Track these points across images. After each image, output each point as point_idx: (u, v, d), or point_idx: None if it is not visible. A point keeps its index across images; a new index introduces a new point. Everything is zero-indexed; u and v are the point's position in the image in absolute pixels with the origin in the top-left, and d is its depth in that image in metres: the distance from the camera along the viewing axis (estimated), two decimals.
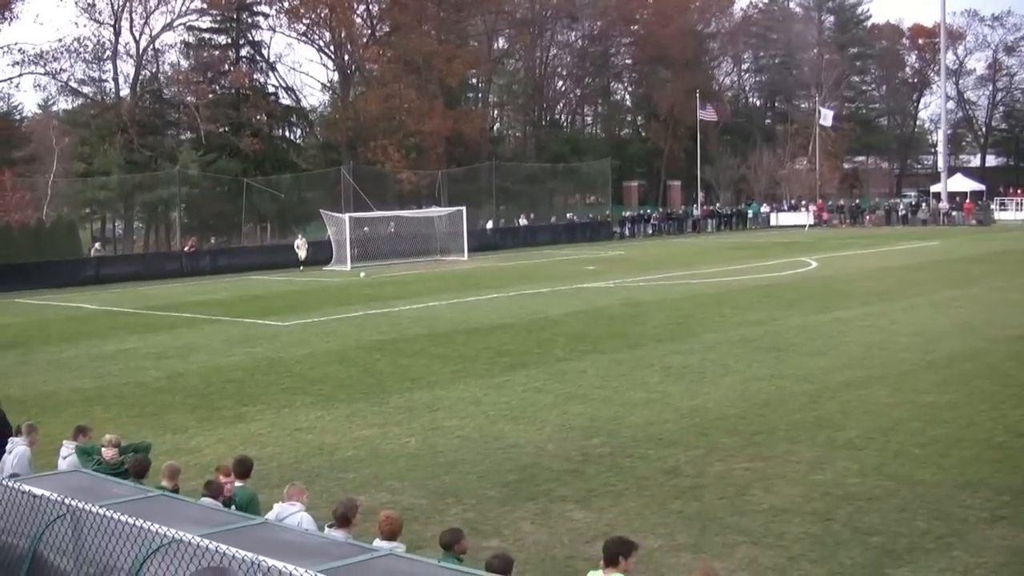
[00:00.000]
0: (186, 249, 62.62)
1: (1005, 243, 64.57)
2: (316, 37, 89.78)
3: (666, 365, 24.97)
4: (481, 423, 19.74)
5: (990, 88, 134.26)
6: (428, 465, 17.09)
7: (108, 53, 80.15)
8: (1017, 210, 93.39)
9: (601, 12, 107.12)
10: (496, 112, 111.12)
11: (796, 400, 20.77)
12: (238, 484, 12.10)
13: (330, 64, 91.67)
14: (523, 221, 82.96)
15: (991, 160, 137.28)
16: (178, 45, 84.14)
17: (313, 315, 36.77)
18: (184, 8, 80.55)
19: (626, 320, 33.02)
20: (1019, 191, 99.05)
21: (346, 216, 62.01)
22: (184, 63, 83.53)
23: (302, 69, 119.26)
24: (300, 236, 59.57)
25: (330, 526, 10.20)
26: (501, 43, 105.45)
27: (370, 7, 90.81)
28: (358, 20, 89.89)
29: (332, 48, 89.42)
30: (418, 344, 29.49)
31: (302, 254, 58.54)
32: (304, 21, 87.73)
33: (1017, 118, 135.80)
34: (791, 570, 12.37)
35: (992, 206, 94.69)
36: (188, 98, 77.65)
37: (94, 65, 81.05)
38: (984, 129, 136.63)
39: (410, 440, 18.71)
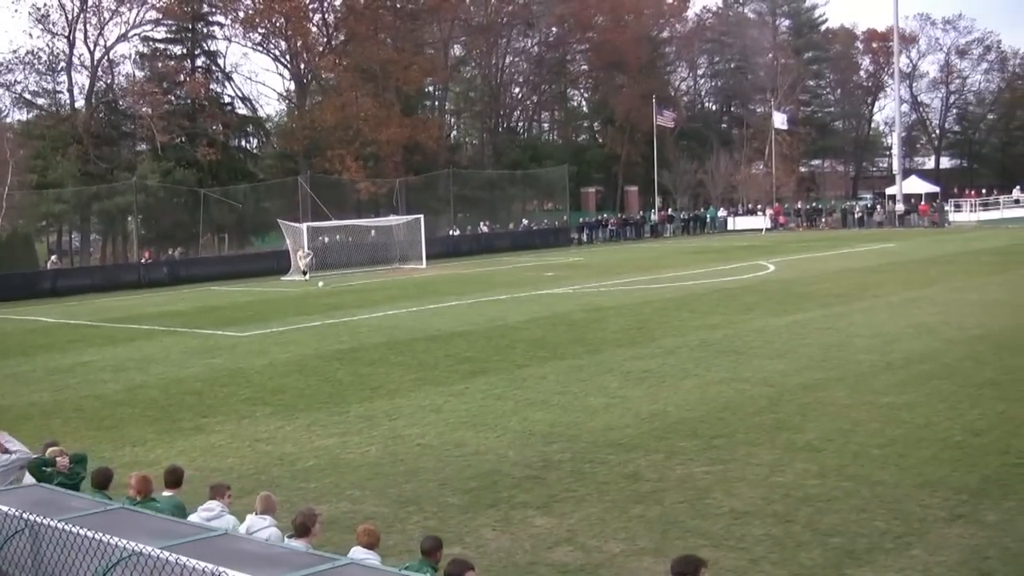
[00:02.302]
0: (143, 260, 62.40)
1: (960, 244, 65.06)
2: (272, 47, 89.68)
3: (626, 370, 25.02)
4: (441, 431, 19.73)
5: (943, 91, 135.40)
6: (389, 474, 17.06)
7: (62, 64, 79.94)
8: (971, 211, 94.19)
9: (557, 18, 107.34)
10: (453, 120, 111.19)
11: (755, 403, 20.84)
12: (167, 493, 12.01)
13: (286, 73, 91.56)
14: (482, 228, 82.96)
15: (945, 162, 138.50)
16: (133, 56, 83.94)
17: (272, 325, 36.67)
18: (139, 19, 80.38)
19: (585, 326, 33.07)
20: (973, 192, 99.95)
21: (303, 225, 61.89)
22: (139, 74, 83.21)
23: (258, 79, 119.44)
24: (302, 248, 58.73)
25: (290, 536, 10.18)
26: (457, 51, 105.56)
27: (326, 16, 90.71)
28: (314, 29, 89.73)
29: (288, 57, 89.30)
30: (378, 353, 29.45)
31: (303, 264, 57.30)
32: (260, 31, 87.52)
33: (970, 120, 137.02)
34: (752, 572, 12.42)
35: (947, 208, 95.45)
36: (144, 109, 77.20)
37: (48, 76, 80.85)
38: (938, 131, 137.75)
39: (371, 449, 18.68)
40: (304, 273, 55.22)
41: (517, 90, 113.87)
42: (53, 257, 65.38)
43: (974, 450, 16.98)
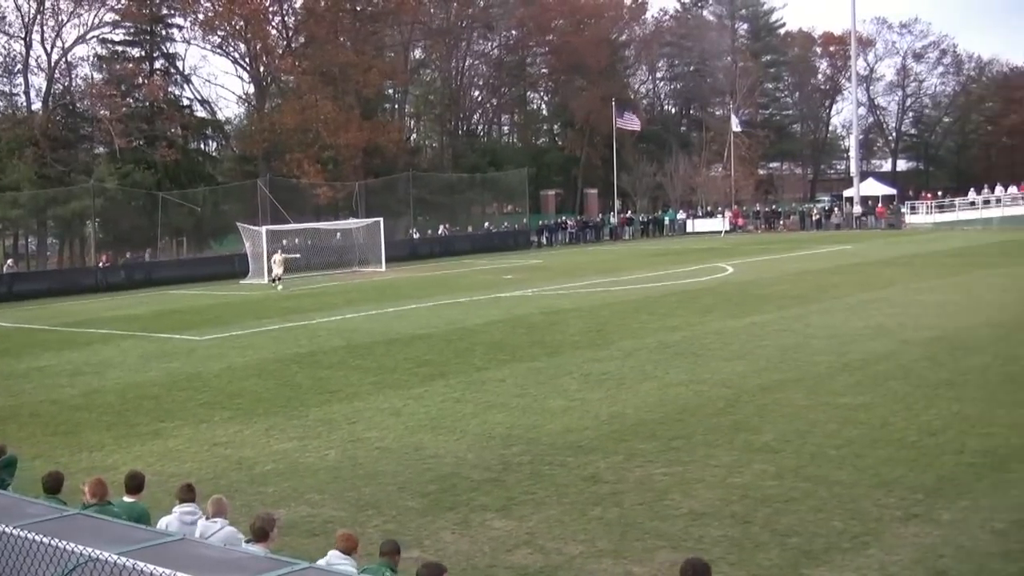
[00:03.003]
0: (101, 264, 61.99)
1: (917, 246, 65.50)
2: (231, 49, 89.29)
3: (585, 372, 25.08)
4: (400, 434, 19.72)
5: (900, 94, 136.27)
6: (348, 477, 17.04)
7: (19, 67, 79.20)
8: (927, 213, 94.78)
9: (517, 22, 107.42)
10: (413, 123, 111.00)
11: (714, 404, 20.95)
12: (128, 499, 11.93)
13: (245, 76, 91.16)
14: (442, 231, 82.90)
15: (902, 164, 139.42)
16: (91, 58, 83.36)
17: (231, 329, 36.54)
18: (97, 21, 79.82)
19: (545, 328, 33.12)
20: (929, 195, 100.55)
21: (263, 229, 61.66)
22: (97, 76, 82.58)
23: (217, 81, 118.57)
24: (279, 251, 58.00)
25: (248, 541, 10.16)
26: (417, 54, 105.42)
27: (285, 19, 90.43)
28: (273, 32, 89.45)
29: (247, 60, 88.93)
30: (336, 356, 29.40)
31: (278, 270, 55.48)
32: (219, 33, 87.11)
33: (926, 123, 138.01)
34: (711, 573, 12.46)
35: (903, 210, 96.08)
36: (102, 111, 76.69)
37: (4, 79, 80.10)
38: (895, 134, 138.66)
39: (329, 452, 18.65)
40: (275, 280, 54.33)
41: (477, 93, 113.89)
42: (9, 261, 64.96)
43: (929, 450, 17.12)
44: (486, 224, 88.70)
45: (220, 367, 28.54)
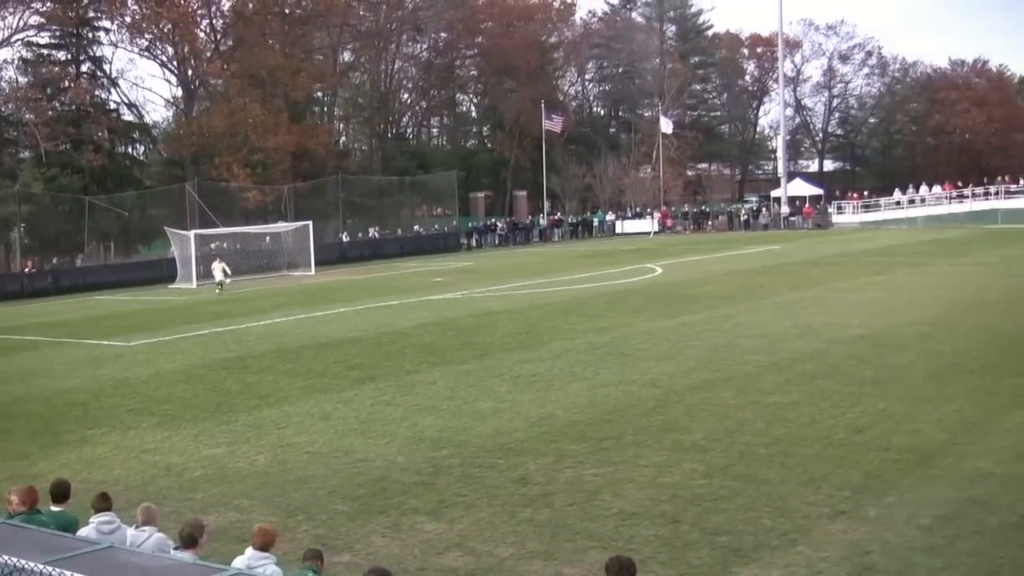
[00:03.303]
0: (27, 270, 61.26)
1: (843, 245, 66.20)
2: (159, 52, 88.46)
3: (515, 374, 25.11)
4: (331, 438, 19.64)
5: (826, 95, 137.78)
6: (278, 482, 16.96)
7: None
8: (853, 213, 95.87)
9: (446, 24, 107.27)
10: (342, 126, 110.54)
11: (643, 405, 21.04)
12: (55, 508, 11.78)
13: (173, 79, 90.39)
14: (372, 234, 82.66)
15: (828, 165, 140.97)
16: (16, 61, 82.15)
17: (159, 334, 36.20)
18: (22, 24, 78.84)
19: (475, 330, 33.13)
20: (855, 195, 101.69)
21: (191, 233, 61.21)
22: (22, 79, 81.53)
23: (145, 85, 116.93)
24: (217, 259, 57.23)
25: (176, 548, 10.08)
26: (346, 56, 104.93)
27: (213, 21, 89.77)
28: (201, 35, 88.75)
29: (175, 63, 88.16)
30: (266, 361, 29.23)
31: (221, 276, 53.92)
32: (146, 36, 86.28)
33: (852, 124, 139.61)
34: (641, 573, 12.38)
35: (830, 210, 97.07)
36: (27, 115, 75.77)
37: None
38: (821, 135, 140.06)
39: (259, 458, 18.55)
40: (220, 285, 53.50)
41: (406, 96, 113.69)
42: None
43: (856, 447, 17.31)
44: (416, 227, 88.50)
45: (148, 373, 28.28)
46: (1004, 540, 12.99)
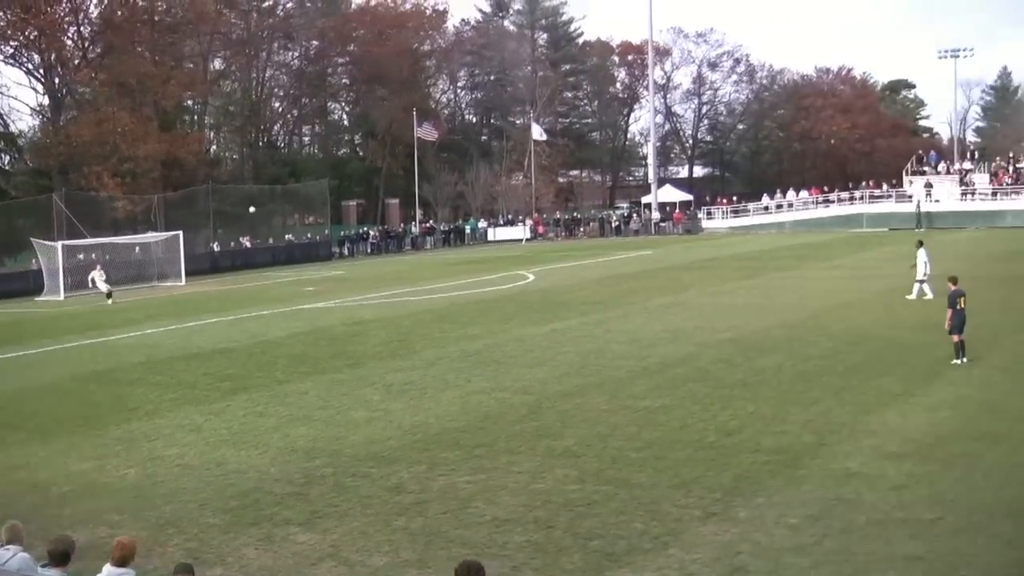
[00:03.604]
0: None
1: (713, 250, 67.04)
2: (24, 60, 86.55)
3: (387, 383, 24.99)
4: (202, 450, 19.36)
5: (696, 102, 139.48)
6: (148, 496, 16.66)
7: None
8: (723, 218, 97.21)
9: (318, 32, 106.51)
10: (213, 134, 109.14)
11: (516, 411, 21.07)
12: None
13: (40, 88, 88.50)
14: (243, 244, 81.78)
15: (698, 171, 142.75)
16: None
17: (26, 347, 35.42)
18: None
19: (347, 339, 32.93)
20: (725, 200, 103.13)
21: (58, 244, 59.98)
22: None
23: (10, 93, 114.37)
24: (98, 267, 55.56)
25: (43, 566, 9.86)
26: (217, 64, 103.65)
27: (81, 29, 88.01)
28: (69, 42, 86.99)
29: (42, 71, 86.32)
30: (135, 373, 28.74)
31: (103, 286, 52.95)
32: (11, 43, 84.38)
33: (721, 130, 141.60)
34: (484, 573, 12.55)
35: (700, 215, 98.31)
36: None
37: None
38: (691, 141, 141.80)
39: (129, 471, 18.21)
40: (109, 295, 52.14)
41: (277, 104, 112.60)
42: None
43: (726, 450, 17.50)
44: (287, 236, 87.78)
45: (14, 387, 27.65)
46: (870, 537, 13.23)
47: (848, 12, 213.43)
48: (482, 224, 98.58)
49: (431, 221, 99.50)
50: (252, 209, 79.95)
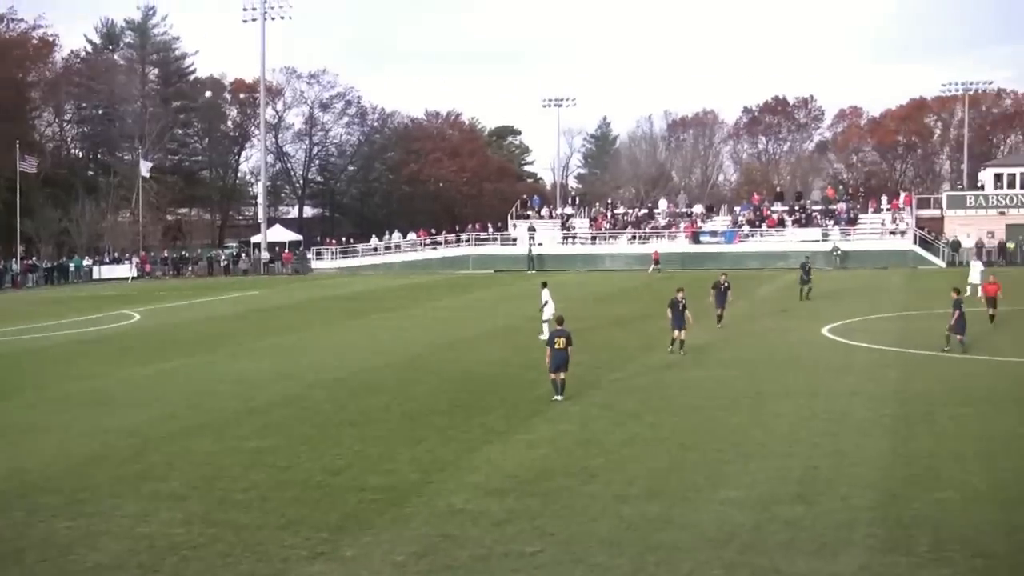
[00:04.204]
0: None
1: (322, 290, 67.42)
2: None
3: None
4: None
5: (307, 142, 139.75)
6: None
7: None
8: (332, 259, 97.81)
9: None
10: None
11: (120, 454, 20.59)
12: None
13: None
14: None
15: (308, 211, 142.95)
16: None
17: None
18: None
19: None
20: (334, 241, 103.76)
21: None
22: None
23: None
24: None
25: None
26: None
27: None
28: None
29: None
30: None
31: None
32: None
33: (331, 171, 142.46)
34: None
35: (309, 255, 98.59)
36: None
37: None
38: (302, 181, 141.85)
39: None
40: None
41: None
42: None
43: (334, 489, 17.66)
44: None
45: None
46: (474, 572, 13.68)
47: (459, 58, 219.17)
48: (87, 262, 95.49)
49: (33, 258, 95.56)
50: None
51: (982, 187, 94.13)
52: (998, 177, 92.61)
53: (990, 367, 29.74)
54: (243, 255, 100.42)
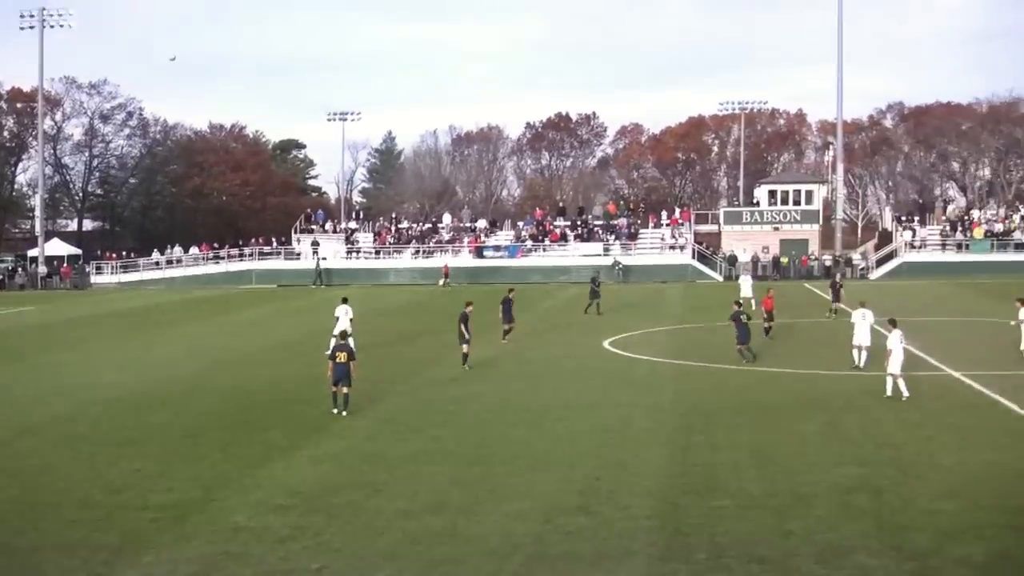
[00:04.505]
0: None
1: (102, 306, 65.79)
2: None
3: None
4: None
5: (87, 154, 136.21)
6: None
7: None
8: (113, 273, 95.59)
9: None
10: None
11: None
12: None
13: None
14: None
15: (88, 224, 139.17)
16: None
17: None
18: None
19: None
20: (114, 255, 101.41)
21: None
22: None
23: None
24: None
25: None
26: None
27: None
28: None
29: None
30: None
31: None
32: None
33: (112, 184, 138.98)
34: None
35: (89, 270, 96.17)
36: None
37: None
38: (81, 194, 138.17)
39: None
40: None
41: None
42: None
43: (113, 509, 17.31)
44: None
45: None
46: None
47: (242, 70, 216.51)
48: None
49: None
50: None
51: (757, 203, 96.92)
52: (772, 194, 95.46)
53: (763, 378, 30.69)
54: (19, 269, 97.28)
